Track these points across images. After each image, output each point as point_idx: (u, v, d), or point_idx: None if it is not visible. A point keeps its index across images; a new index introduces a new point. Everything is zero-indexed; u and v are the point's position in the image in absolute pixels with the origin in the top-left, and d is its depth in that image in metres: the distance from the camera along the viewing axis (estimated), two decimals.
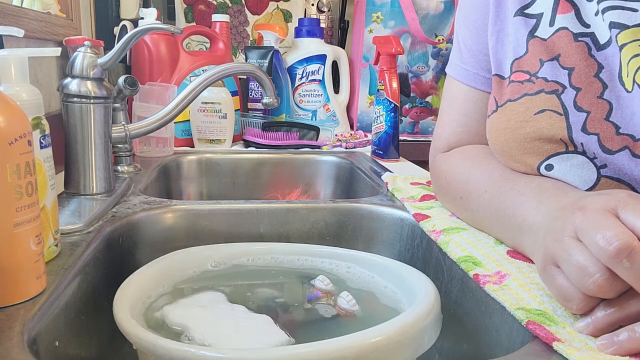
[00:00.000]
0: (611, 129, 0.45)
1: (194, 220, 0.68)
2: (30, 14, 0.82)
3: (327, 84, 1.42)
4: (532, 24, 0.52)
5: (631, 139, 0.45)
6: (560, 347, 0.36)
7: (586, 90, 0.47)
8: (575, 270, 0.37)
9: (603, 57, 0.47)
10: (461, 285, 0.54)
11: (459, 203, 0.61)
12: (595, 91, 0.46)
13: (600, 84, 0.46)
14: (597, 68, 0.47)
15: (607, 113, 0.46)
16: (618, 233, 0.35)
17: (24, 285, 0.41)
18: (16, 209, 0.39)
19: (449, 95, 0.68)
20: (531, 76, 0.51)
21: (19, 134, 0.39)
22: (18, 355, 0.34)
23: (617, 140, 0.45)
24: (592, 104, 0.46)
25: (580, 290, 0.37)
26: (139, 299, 0.49)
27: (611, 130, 0.45)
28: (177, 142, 1.14)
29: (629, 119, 0.45)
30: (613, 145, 0.45)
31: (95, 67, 0.70)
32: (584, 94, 0.47)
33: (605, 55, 0.47)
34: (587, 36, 0.48)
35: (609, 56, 0.47)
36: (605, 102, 0.46)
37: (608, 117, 0.46)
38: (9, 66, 0.48)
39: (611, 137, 0.45)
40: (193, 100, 0.80)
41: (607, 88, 0.46)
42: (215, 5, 1.46)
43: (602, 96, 0.46)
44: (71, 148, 0.69)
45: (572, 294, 0.38)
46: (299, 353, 0.37)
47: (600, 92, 0.46)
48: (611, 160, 0.45)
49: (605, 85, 0.46)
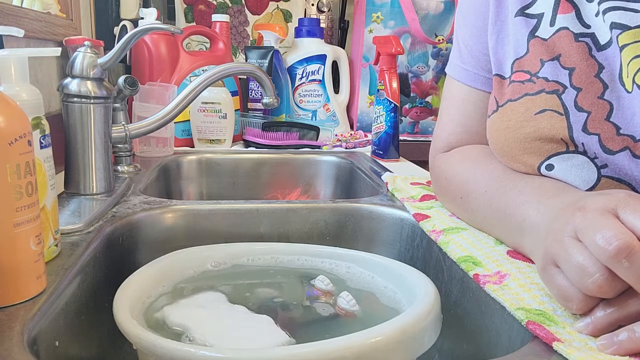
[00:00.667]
0: (612, 129, 0.45)
1: (194, 220, 0.68)
2: (30, 14, 0.82)
3: (327, 84, 1.42)
4: (532, 24, 0.52)
5: (632, 140, 0.45)
6: (560, 347, 0.36)
7: (587, 90, 0.47)
8: (575, 270, 0.37)
9: (604, 58, 0.47)
10: (461, 285, 0.54)
11: (459, 203, 0.61)
12: (595, 91, 0.46)
13: (601, 84, 0.46)
14: (597, 68, 0.47)
15: (608, 113, 0.46)
16: (617, 233, 0.35)
17: (24, 285, 0.41)
18: (16, 209, 0.39)
19: (448, 96, 0.68)
20: (532, 76, 0.51)
21: (19, 134, 0.39)
22: (18, 355, 0.34)
23: (617, 141, 0.45)
24: (592, 104, 0.46)
25: (580, 290, 0.37)
26: (139, 299, 0.49)
27: (612, 130, 0.45)
28: (177, 142, 1.14)
29: (630, 119, 0.45)
30: (614, 146, 0.45)
31: (95, 67, 0.70)
32: (584, 94, 0.47)
33: (605, 56, 0.47)
34: (587, 36, 0.48)
35: (609, 57, 0.47)
36: (605, 103, 0.46)
37: (609, 118, 0.46)
38: (9, 66, 0.48)
39: (612, 138, 0.45)
40: (193, 100, 0.80)
41: (607, 88, 0.46)
42: (215, 5, 1.46)
43: (602, 97, 0.46)
44: (71, 148, 0.69)
45: (571, 294, 0.38)
46: (298, 353, 0.37)
47: (600, 93, 0.46)
48: (612, 161, 0.45)
49: (605, 86, 0.46)
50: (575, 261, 0.37)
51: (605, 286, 0.36)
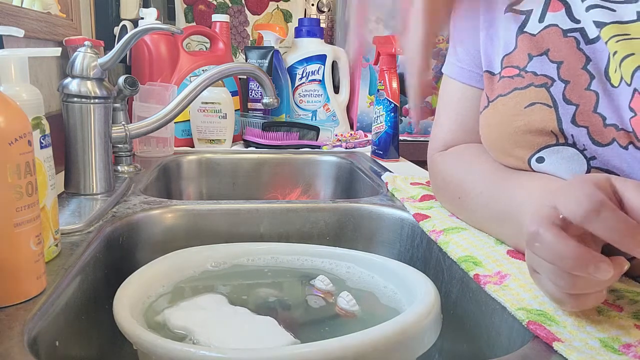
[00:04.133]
0: (599, 121, 0.46)
1: (194, 220, 0.68)
2: (30, 14, 0.81)
3: (327, 84, 1.42)
4: (521, 19, 0.53)
5: (615, 129, 0.45)
6: (560, 347, 0.36)
7: (575, 82, 0.47)
8: (550, 275, 0.37)
9: (591, 51, 0.47)
10: (461, 285, 0.54)
11: (457, 203, 0.61)
12: (583, 83, 0.47)
13: (588, 76, 0.47)
14: (585, 60, 0.47)
15: (595, 105, 0.46)
16: (589, 193, 0.35)
17: (24, 285, 0.41)
18: (16, 209, 0.39)
19: (445, 94, 0.68)
20: (520, 71, 0.51)
21: (19, 134, 0.39)
22: (18, 355, 0.34)
23: (605, 133, 0.45)
24: (580, 97, 0.47)
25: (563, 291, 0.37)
26: (139, 299, 0.48)
27: (599, 122, 0.46)
28: (177, 142, 1.14)
29: (614, 111, 0.45)
30: (602, 138, 0.45)
31: (95, 67, 0.70)
32: (572, 87, 0.47)
33: (593, 49, 0.47)
34: (576, 31, 0.48)
35: (597, 50, 0.47)
36: (592, 94, 0.46)
37: (595, 109, 0.46)
38: (9, 66, 0.48)
39: (600, 130, 0.45)
40: (193, 100, 0.80)
41: (594, 79, 0.46)
42: (215, 5, 1.46)
43: (589, 87, 0.46)
44: (71, 148, 0.69)
45: (560, 297, 0.38)
46: (298, 353, 0.37)
47: (587, 84, 0.46)
48: (600, 153, 0.46)
49: (592, 77, 0.46)
50: (546, 266, 0.37)
51: (579, 284, 0.36)
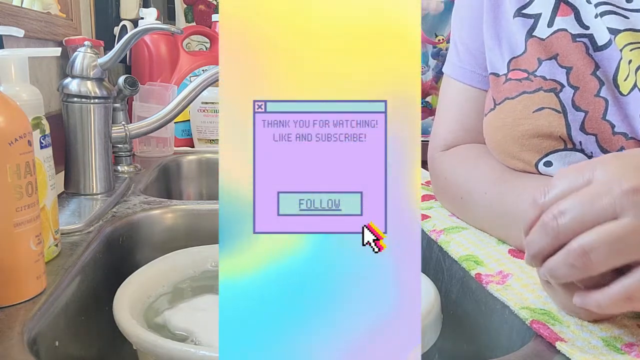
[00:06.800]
0: (608, 128, 0.46)
1: (194, 220, 0.68)
2: (30, 14, 0.81)
3: None
4: (529, 23, 0.52)
5: (624, 138, 0.45)
6: (563, 347, 0.36)
7: (584, 89, 0.47)
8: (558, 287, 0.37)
9: (600, 58, 0.47)
10: (461, 285, 0.54)
11: (459, 204, 0.61)
12: (592, 89, 0.47)
13: (597, 82, 0.47)
14: (594, 66, 0.47)
15: (604, 112, 0.46)
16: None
17: (24, 285, 0.41)
18: (16, 209, 0.39)
19: (446, 95, 0.68)
20: (529, 74, 0.51)
21: (19, 134, 0.39)
22: (18, 355, 0.34)
23: (614, 141, 0.45)
24: (589, 103, 0.47)
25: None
26: (139, 299, 0.48)
27: (608, 130, 0.46)
28: (177, 142, 1.14)
29: (622, 119, 0.45)
30: (611, 146, 0.45)
31: (95, 67, 0.70)
32: (581, 93, 0.47)
33: (602, 56, 0.47)
34: (585, 37, 0.48)
35: (606, 57, 0.47)
36: (601, 100, 0.46)
37: (604, 116, 0.46)
38: (9, 66, 0.48)
39: (609, 138, 0.45)
40: (193, 100, 0.80)
41: (603, 85, 0.46)
42: (215, 5, 1.46)
43: (598, 94, 0.46)
44: (71, 148, 0.69)
45: (572, 308, 0.38)
46: None
47: (597, 90, 0.46)
48: None
49: (602, 83, 0.46)
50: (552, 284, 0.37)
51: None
